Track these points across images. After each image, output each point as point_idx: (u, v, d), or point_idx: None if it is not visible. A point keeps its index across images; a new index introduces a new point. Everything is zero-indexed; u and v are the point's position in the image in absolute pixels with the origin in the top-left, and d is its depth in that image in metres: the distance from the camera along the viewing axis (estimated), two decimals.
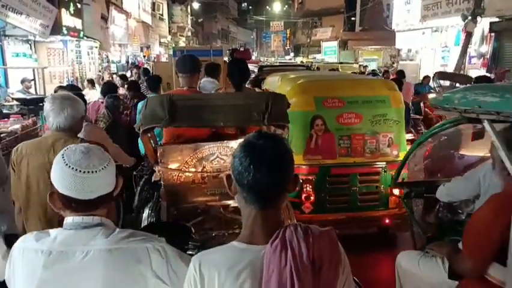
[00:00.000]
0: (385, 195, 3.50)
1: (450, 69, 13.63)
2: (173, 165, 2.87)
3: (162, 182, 2.87)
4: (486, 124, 1.64)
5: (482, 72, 10.82)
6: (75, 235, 1.18)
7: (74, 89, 4.85)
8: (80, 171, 1.14)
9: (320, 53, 27.92)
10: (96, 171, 1.16)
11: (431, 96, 6.80)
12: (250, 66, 11.03)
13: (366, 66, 16.58)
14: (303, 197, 3.49)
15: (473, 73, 10.01)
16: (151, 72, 8.50)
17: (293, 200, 3.45)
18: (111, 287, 1.16)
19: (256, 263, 1.02)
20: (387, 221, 3.50)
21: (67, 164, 1.15)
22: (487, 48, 12.08)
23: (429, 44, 15.64)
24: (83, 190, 1.15)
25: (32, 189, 2.06)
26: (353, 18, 27.02)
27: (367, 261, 3.31)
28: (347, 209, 3.52)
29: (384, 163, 3.50)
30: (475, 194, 2.31)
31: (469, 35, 11.90)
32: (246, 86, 3.87)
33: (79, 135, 2.25)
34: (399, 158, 3.51)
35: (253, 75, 8.39)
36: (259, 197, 1.05)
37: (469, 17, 11.51)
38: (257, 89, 5.00)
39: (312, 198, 3.49)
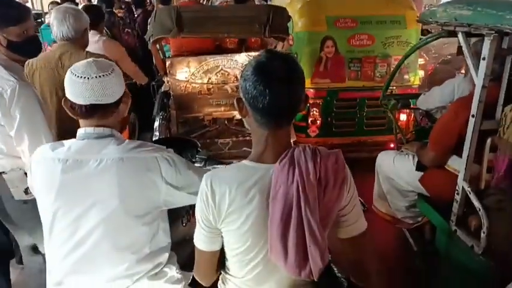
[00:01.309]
0: (391, 120, 3.47)
1: None
2: (181, 77, 3.09)
3: (171, 92, 3.12)
4: (460, 36, 1.75)
5: None
6: (88, 145, 1.25)
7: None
8: (78, 76, 1.21)
9: None
10: (91, 78, 1.20)
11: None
12: None
13: None
14: (309, 121, 3.48)
15: None
16: None
17: (299, 124, 3.46)
18: (125, 192, 1.23)
19: (265, 180, 1.05)
20: (392, 145, 3.52)
21: (71, 71, 1.23)
22: None
23: None
24: (81, 95, 1.21)
25: (46, 101, 2.15)
26: None
27: (372, 182, 3.42)
28: (353, 133, 3.53)
29: (395, 88, 3.41)
30: (449, 101, 2.45)
31: None
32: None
33: (92, 50, 2.34)
34: (410, 82, 3.41)
35: None
36: (274, 119, 1.05)
37: None
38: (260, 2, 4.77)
39: (318, 122, 3.49)
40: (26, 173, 1.73)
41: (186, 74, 3.10)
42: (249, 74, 1.02)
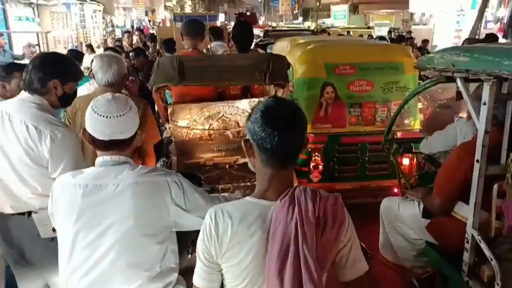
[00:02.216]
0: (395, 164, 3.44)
1: (465, 34, 13.20)
2: (182, 123, 3.14)
3: (173, 138, 3.16)
4: (458, 81, 1.79)
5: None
6: (106, 171, 1.40)
7: (75, 54, 4.81)
8: (99, 114, 1.34)
9: (330, 17, 27.11)
10: (112, 117, 1.34)
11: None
12: (256, 31, 10.86)
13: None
14: (311, 166, 3.46)
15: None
16: (156, 36, 8.40)
17: (301, 169, 3.43)
18: (139, 212, 1.36)
19: (266, 216, 1.12)
20: (395, 190, 3.47)
21: (91, 107, 1.37)
22: (504, 13, 11.62)
23: (444, 8, 15.08)
24: (102, 132, 1.36)
25: None
26: None
27: (376, 228, 3.33)
28: (356, 178, 3.50)
29: (396, 132, 3.42)
30: (452, 146, 2.46)
31: None
32: (252, 49, 3.94)
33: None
34: (411, 127, 3.43)
35: (258, 40, 8.41)
36: (280, 159, 1.13)
37: None
38: (260, 50, 4.92)
39: (320, 167, 3.46)
40: None
41: (188, 121, 3.15)
42: (258, 117, 1.11)
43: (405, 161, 3.37)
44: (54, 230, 1.80)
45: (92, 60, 2.58)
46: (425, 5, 16.66)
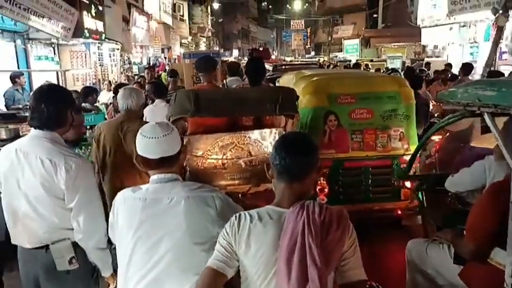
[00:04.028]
0: (397, 187, 3.73)
1: (479, 66, 13.53)
2: (197, 153, 3.32)
3: (188, 167, 3.32)
4: (486, 117, 1.76)
5: None
6: (161, 187, 1.65)
7: (88, 89, 5.47)
8: (148, 137, 1.62)
9: (342, 51, 27.97)
10: (160, 137, 1.62)
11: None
12: (266, 66, 11.48)
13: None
14: (317, 189, 3.75)
15: (505, 69, 9.95)
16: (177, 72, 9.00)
17: None
18: (190, 223, 1.59)
19: (279, 219, 1.42)
20: (399, 212, 3.74)
21: (141, 134, 1.65)
22: None
23: (457, 40, 15.49)
24: (153, 151, 1.62)
25: (106, 155, 2.92)
26: (375, 15, 26.96)
27: (381, 252, 3.55)
28: (360, 201, 3.78)
29: (396, 156, 3.74)
30: (480, 185, 2.43)
31: (500, 30, 11.71)
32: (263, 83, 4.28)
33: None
34: (409, 151, 3.73)
35: (268, 74, 8.91)
36: (288, 174, 1.45)
37: (500, 11, 11.34)
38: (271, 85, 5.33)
39: (326, 190, 3.75)
40: (73, 243, 2.00)
41: (202, 150, 3.32)
42: (276, 143, 1.53)
43: (408, 184, 3.64)
44: (70, 262, 1.98)
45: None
46: (438, 38, 17.18)
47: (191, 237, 1.58)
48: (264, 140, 3.39)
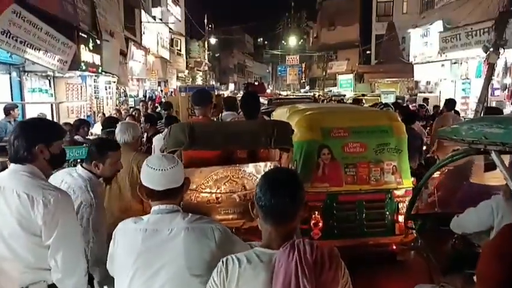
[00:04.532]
0: (391, 221, 3.74)
1: (471, 101, 13.90)
2: (191, 186, 3.17)
3: (181, 201, 3.26)
4: (493, 155, 1.74)
5: (507, 104, 11.03)
6: (162, 218, 1.68)
7: (79, 122, 5.57)
8: (155, 169, 1.67)
9: (336, 85, 28.60)
10: (166, 169, 1.67)
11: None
12: (262, 100, 11.72)
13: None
14: (311, 224, 3.75)
15: (497, 105, 10.22)
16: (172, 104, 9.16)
17: (302, 227, 3.70)
18: (189, 254, 1.60)
19: (269, 261, 1.38)
20: (393, 247, 3.72)
21: (147, 165, 1.70)
22: (511, 80, 12.31)
23: (449, 76, 15.95)
24: (159, 183, 1.67)
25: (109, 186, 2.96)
26: (368, 52, 27.85)
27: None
28: (354, 235, 3.76)
29: (389, 190, 3.77)
30: (488, 226, 2.32)
31: (491, 67, 12.18)
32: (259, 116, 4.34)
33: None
34: (402, 185, 3.78)
35: (263, 108, 9.12)
36: (274, 216, 1.40)
37: (491, 49, 11.84)
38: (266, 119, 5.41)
39: (320, 224, 3.76)
40: (49, 286, 1.91)
41: (196, 184, 3.24)
42: (260, 181, 1.47)
43: (402, 218, 3.66)
44: None
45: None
46: (430, 74, 17.68)
47: (189, 269, 1.59)
48: (259, 174, 3.35)
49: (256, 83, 26.00)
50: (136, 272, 1.62)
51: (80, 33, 11.02)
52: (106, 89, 14.55)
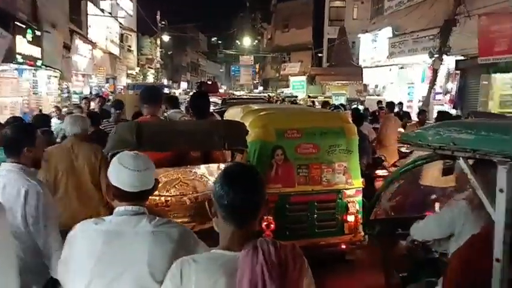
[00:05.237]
0: (341, 221, 3.84)
1: (415, 104, 14.74)
2: None
3: None
4: (462, 162, 1.67)
5: (447, 108, 11.83)
6: (126, 219, 1.59)
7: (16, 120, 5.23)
8: (130, 169, 1.57)
9: (288, 87, 29.13)
10: (141, 171, 1.59)
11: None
12: (215, 99, 11.64)
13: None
14: (263, 225, 3.75)
15: (439, 109, 10.94)
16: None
17: None
18: (152, 259, 1.52)
19: (230, 265, 1.28)
20: (343, 246, 3.82)
21: (122, 164, 1.59)
22: (452, 85, 13.19)
23: (395, 80, 16.81)
24: (132, 184, 1.58)
25: (57, 177, 3.24)
26: (320, 55, 28.63)
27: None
28: (306, 236, 3.81)
29: (340, 191, 3.86)
30: (449, 233, 2.30)
31: (435, 72, 13.02)
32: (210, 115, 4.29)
33: None
34: (352, 185, 3.89)
35: (217, 107, 9.18)
36: (237, 215, 1.33)
37: (436, 55, 12.66)
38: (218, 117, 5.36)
39: (272, 225, 3.76)
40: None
41: None
42: (219, 177, 1.37)
43: (350, 218, 3.77)
44: None
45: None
46: (378, 77, 18.54)
47: (153, 274, 1.50)
48: (211, 176, 3.32)
49: (209, 82, 25.82)
50: (94, 277, 1.51)
51: (17, 23, 10.28)
52: (47, 84, 13.73)
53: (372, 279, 3.12)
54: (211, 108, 5.36)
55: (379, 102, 13.12)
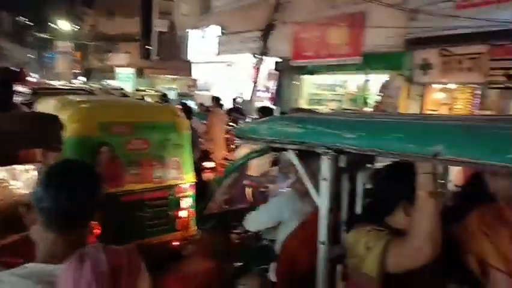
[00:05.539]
0: (173, 218, 3.79)
1: (240, 101, 15.85)
2: None
3: None
4: (291, 154, 1.78)
5: (268, 104, 13.11)
6: None
7: None
8: None
9: (115, 79, 27.54)
10: None
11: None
12: (23, 89, 10.08)
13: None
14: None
15: (260, 105, 12.02)
16: None
17: None
18: None
19: (50, 281, 1.09)
20: (177, 243, 3.78)
21: None
22: (272, 84, 14.67)
23: (223, 77, 17.73)
24: None
25: None
26: (149, 47, 27.88)
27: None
28: (138, 237, 3.60)
29: (172, 187, 3.80)
30: (278, 221, 2.47)
31: (257, 72, 14.30)
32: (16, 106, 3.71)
33: None
34: (185, 180, 3.88)
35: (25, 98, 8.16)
36: (62, 220, 1.16)
37: (258, 56, 13.94)
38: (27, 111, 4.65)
39: (97, 230, 3.44)
40: None
41: None
42: (41, 178, 1.17)
43: (183, 213, 3.75)
44: None
45: None
46: (206, 74, 19.21)
47: None
48: (15, 180, 2.84)
49: (15, 69, 22.17)
50: None
51: None
52: None
53: (206, 272, 3.17)
54: (19, 99, 4.61)
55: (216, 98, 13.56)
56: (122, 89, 18.37)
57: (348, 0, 10.99)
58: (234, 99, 12.52)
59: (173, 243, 3.70)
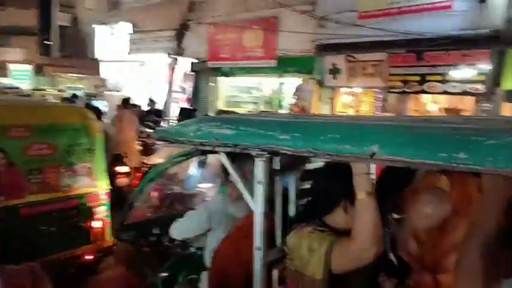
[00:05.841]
0: (86, 229, 3.48)
1: (157, 101, 15.31)
2: None
3: None
4: (223, 157, 1.71)
5: (185, 105, 12.85)
6: None
7: None
8: None
9: (7, 76, 24.85)
10: None
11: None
12: None
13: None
14: None
15: (176, 106, 11.73)
16: None
17: None
18: None
19: None
20: (91, 256, 3.47)
21: None
22: (188, 85, 14.40)
23: (136, 77, 16.97)
24: None
25: None
26: (49, 42, 25.63)
27: None
28: (44, 253, 3.23)
29: (83, 196, 3.49)
30: (207, 228, 2.37)
31: (172, 72, 13.92)
32: None
33: None
34: (98, 188, 3.58)
35: None
36: None
37: (173, 56, 13.56)
38: None
39: None
40: None
41: None
42: None
43: (96, 224, 3.46)
44: None
45: None
46: (116, 73, 18.23)
47: None
48: None
49: None
50: None
51: None
52: None
53: (125, 286, 2.94)
54: None
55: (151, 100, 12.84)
56: (18, 88, 16.53)
57: (262, 5, 11.22)
58: (151, 100, 11.97)
59: (87, 257, 3.37)
